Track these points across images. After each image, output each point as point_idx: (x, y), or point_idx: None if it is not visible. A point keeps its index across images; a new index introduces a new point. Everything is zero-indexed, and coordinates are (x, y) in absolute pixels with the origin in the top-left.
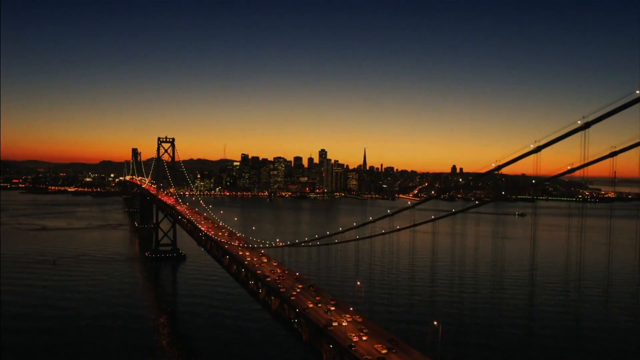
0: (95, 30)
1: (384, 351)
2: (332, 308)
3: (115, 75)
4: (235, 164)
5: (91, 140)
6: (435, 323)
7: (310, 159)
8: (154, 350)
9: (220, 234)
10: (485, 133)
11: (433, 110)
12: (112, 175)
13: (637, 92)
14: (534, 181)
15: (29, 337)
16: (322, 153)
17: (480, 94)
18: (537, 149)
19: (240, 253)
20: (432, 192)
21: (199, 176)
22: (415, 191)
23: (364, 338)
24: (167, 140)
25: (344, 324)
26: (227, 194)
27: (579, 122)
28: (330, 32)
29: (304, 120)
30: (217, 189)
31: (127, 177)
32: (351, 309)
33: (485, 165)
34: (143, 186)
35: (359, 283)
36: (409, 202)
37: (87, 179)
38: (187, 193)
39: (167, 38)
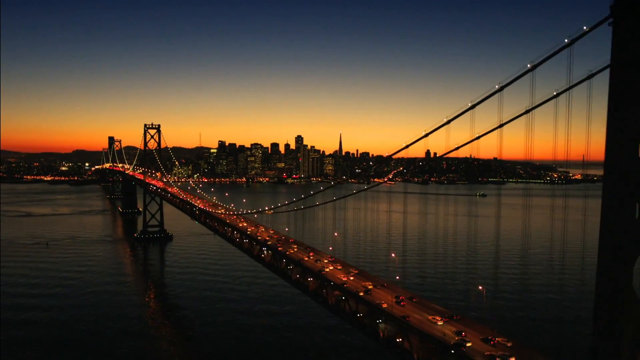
0: (67, 18)
1: (371, 287)
2: (325, 261)
3: (87, 64)
4: (212, 151)
5: (63, 129)
6: (393, 255)
7: (287, 145)
8: (150, 317)
9: (219, 210)
10: (461, 118)
11: (408, 96)
12: (87, 164)
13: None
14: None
15: (28, 309)
16: (299, 139)
17: (455, 82)
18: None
19: (241, 225)
20: (407, 176)
21: (176, 163)
22: (390, 175)
23: (351, 278)
24: (153, 126)
25: (330, 268)
26: (205, 180)
27: (469, 103)
28: (305, 20)
29: (280, 106)
30: (195, 175)
31: (107, 165)
32: (331, 257)
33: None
34: (127, 172)
35: (336, 234)
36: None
37: (63, 168)
38: (169, 180)
39: (141, 27)
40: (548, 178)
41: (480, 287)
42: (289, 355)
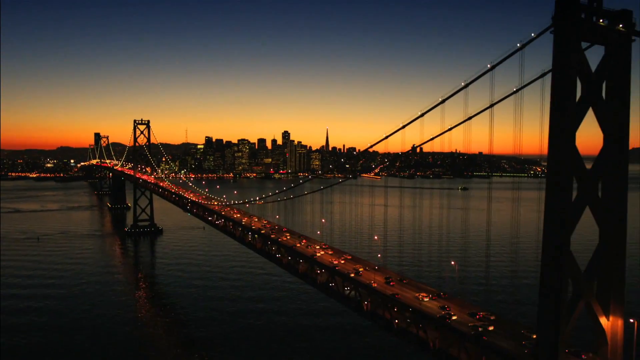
0: (51, 13)
1: (361, 269)
2: (317, 247)
3: (70, 60)
4: (199, 147)
5: (46, 126)
6: (379, 244)
7: (274, 141)
8: (143, 305)
9: (213, 202)
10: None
11: (395, 92)
12: (72, 161)
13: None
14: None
15: (25, 299)
16: (286, 134)
17: (444, 78)
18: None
19: (235, 216)
20: (393, 170)
21: (164, 159)
22: (377, 170)
23: (342, 262)
24: (143, 122)
25: (322, 253)
26: (192, 176)
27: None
28: (291, 16)
29: (267, 102)
30: (182, 171)
31: (94, 161)
32: (324, 244)
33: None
34: (116, 168)
35: (323, 220)
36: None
37: (48, 165)
38: (160, 175)
39: (126, 23)
40: (532, 172)
41: (464, 273)
42: (280, 337)
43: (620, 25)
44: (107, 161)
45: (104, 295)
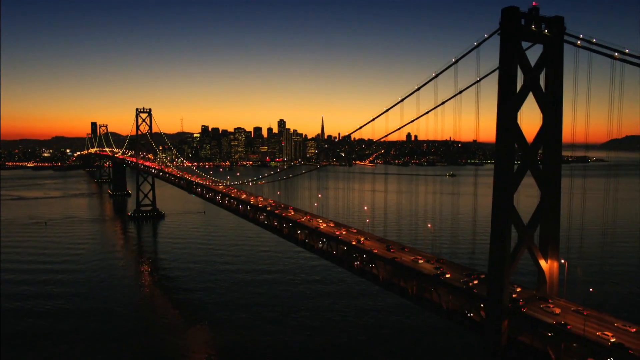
0: (45, 3)
1: (362, 238)
2: (320, 221)
3: (65, 50)
4: (195, 135)
5: (41, 116)
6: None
7: (270, 129)
8: (148, 277)
9: (220, 186)
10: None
11: (391, 81)
12: (68, 150)
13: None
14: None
15: (34, 273)
16: (281, 123)
17: (435, 66)
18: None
19: (243, 197)
20: (388, 158)
21: (160, 148)
22: (371, 158)
23: (344, 232)
24: (145, 110)
25: (324, 225)
26: (189, 164)
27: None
28: (287, 7)
29: (263, 91)
30: (180, 160)
31: (92, 150)
32: (328, 220)
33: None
34: (117, 156)
35: (320, 195)
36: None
37: (45, 154)
38: (165, 161)
39: (122, 13)
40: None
41: (456, 244)
42: (280, 303)
43: (553, 29)
44: (107, 149)
45: (113, 271)
